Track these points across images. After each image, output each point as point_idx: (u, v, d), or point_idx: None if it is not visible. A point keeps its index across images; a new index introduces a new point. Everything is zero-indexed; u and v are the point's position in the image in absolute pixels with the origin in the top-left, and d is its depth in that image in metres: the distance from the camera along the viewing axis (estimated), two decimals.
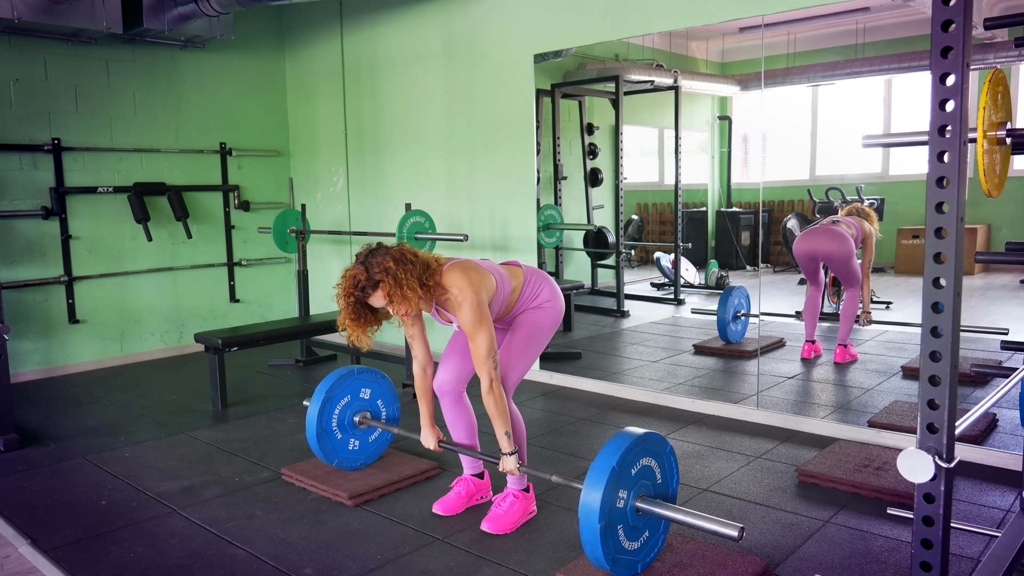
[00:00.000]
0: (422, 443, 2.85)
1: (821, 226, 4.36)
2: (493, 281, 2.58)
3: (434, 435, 2.83)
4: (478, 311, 2.47)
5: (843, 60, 4.24)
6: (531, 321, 2.69)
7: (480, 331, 2.47)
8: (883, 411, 3.65)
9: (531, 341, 2.69)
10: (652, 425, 3.83)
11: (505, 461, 2.57)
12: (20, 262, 5.04)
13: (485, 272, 2.57)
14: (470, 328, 2.48)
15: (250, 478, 3.26)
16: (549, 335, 2.74)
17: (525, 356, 2.68)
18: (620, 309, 5.59)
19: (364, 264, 2.42)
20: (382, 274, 2.38)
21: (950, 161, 1.45)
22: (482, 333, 2.47)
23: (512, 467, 2.57)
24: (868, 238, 4.31)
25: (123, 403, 4.50)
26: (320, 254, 6.20)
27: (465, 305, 2.47)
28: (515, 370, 2.66)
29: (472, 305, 2.46)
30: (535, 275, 2.75)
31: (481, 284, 2.51)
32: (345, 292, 2.43)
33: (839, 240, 4.29)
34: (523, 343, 2.67)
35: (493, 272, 2.62)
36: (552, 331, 2.75)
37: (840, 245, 4.29)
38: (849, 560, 2.43)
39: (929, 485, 1.51)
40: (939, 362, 1.49)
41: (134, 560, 2.55)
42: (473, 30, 4.90)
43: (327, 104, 6.01)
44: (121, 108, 5.46)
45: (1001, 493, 2.91)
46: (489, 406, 2.52)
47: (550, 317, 2.72)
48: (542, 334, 2.71)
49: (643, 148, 5.69)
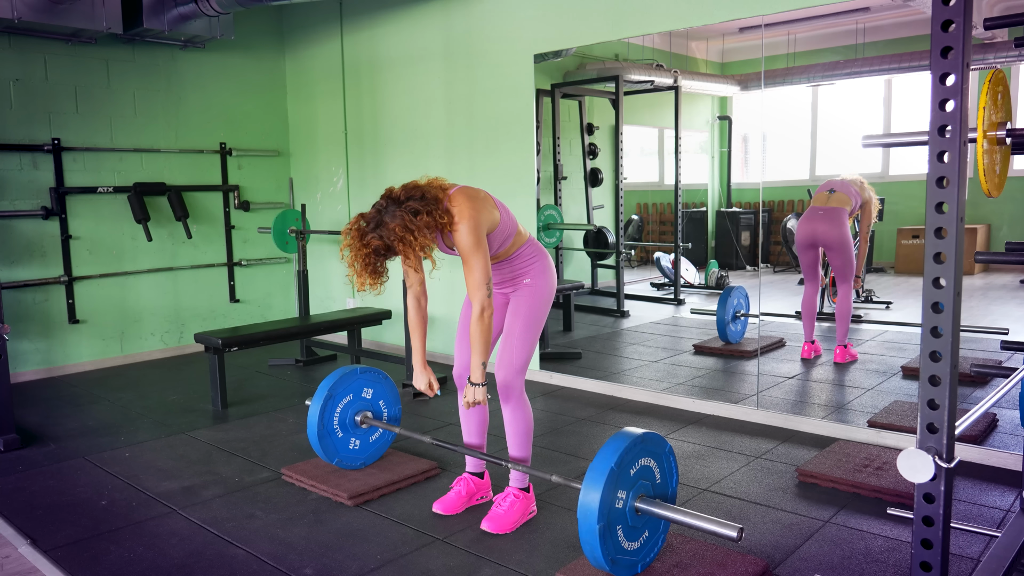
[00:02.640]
0: (414, 385, 2.77)
1: (821, 209, 4.37)
2: (497, 214, 2.57)
3: (426, 376, 2.73)
4: (475, 234, 2.45)
5: (843, 60, 4.24)
6: (528, 304, 2.67)
7: (475, 255, 2.45)
8: (883, 411, 3.65)
9: (531, 324, 2.67)
10: (652, 425, 3.83)
11: (474, 391, 2.54)
12: (20, 262, 5.04)
13: (490, 201, 2.57)
14: (466, 250, 2.46)
15: (250, 478, 3.26)
16: (546, 312, 2.72)
17: (528, 338, 2.66)
18: (620, 309, 5.59)
19: (379, 232, 2.40)
20: (399, 243, 2.38)
21: (950, 161, 1.45)
22: (477, 257, 2.45)
23: (480, 397, 2.54)
24: (867, 203, 4.34)
25: (123, 403, 4.50)
26: (320, 254, 6.20)
27: (462, 226, 2.44)
28: (522, 353, 2.65)
29: (469, 227, 2.44)
30: (535, 244, 2.76)
31: (482, 211, 2.50)
32: (363, 257, 2.42)
33: (839, 226, 4.32)
34: (524, 329, 2.66)
35: (500, 208, 2.61)
36: (548, 308, 2.72)
37: (840, 231, 4.33)
38: (849, 560, 2.43)
39: (929, 485, 1.51)
40: (939, 362, 1.49)
41: (134, 560, 2.55)
42: (473, 30, 4.90)
43: (327, 104, 6.01)
44: (121, 108, 5.46)
45: (1001, 493, 2.91)
46: (475, 333, 2.48)
47: (545, 292, 2.69)
48: (540, 315, 2.69)
49: (643, 148, 5.69)
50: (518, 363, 2.66)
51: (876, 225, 4.53)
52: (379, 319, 5.05)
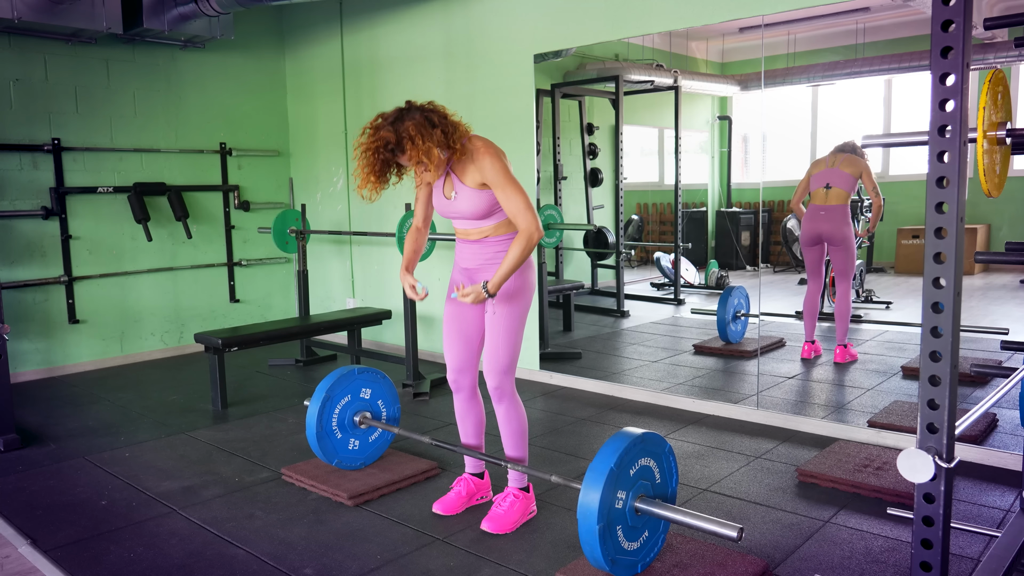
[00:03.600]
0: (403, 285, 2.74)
1: (823, 208, 4.38)
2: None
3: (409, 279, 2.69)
4: (503, 165, 2.50)
5: (843, 60, 4.24)
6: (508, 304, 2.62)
7: (510, 182, 2.48)
8: (883, 411, 3.65)
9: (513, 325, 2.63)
10: (652, 425, 3.83)
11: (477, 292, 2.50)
12: (20, 262, 5.04)
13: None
14: (499, 179, 2.47)
15: (250, 478, 3.26)
16: (527, 310, 2.68)
17: (511, 339, 2.63)
18: (620, 309, 5.59)
19: (394, 127, 2.43)
20: (408, 142, 2.41)
21: (950, 161, 1.45)
22: (513, 183, 2.48)
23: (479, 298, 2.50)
24: (865, 171, 4.34)
25: (123, 403, 4.50)
26: (320, 254, 6.20)
27: (488, 159, 2.48)
28: (507, 354, 2.63)
29: (496, 160, 2.48)
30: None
31: (504, 156, 2.55)
32: (373, 149, 2.46)
33: (842, 225, 4.35)
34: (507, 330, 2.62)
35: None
36: (529, 305, 2.69)
37: (843, 230, 4.36)
38: (849, 560, 2.43)
39: (929, 485, 1.51)
40: (939, 362, 1.49)
41: (134, 560, 2.55)
42: (473, 30, 4.90)
43: (327, 104, 6.01)
44: (121, 108, 5.46)
45: (1001, 493, 2.91)
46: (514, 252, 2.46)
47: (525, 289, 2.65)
48: (522, 313, 2.66)
49: (643, 148, 5.69)
50: (504, 364, 2.64)
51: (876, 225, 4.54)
52: (379, 319, 5.05)
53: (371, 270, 5.86)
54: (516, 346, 2.66)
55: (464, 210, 2.58)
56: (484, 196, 2.54)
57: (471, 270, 2.68)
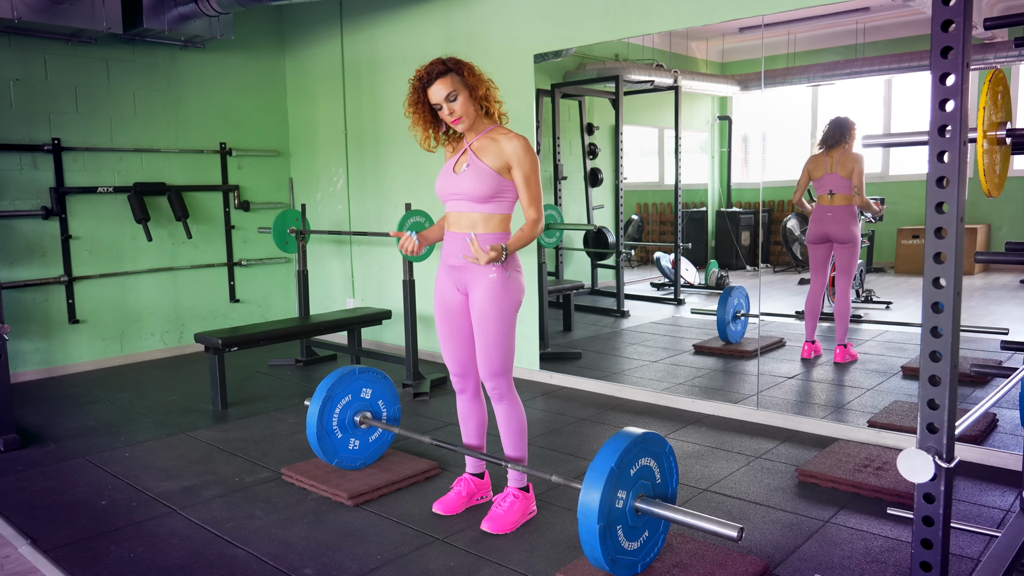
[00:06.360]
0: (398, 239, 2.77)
1: (829, 210, 4.39)
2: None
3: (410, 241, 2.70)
4: (536, 162, 2.61)
5: (843, 60, 4.24)
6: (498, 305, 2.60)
7: (535, 175, 2.60)
8: (883, 411, 3.65)
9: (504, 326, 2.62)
10: (652, 425, 3.83)
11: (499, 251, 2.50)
12: (20, 262, 5.04)
13: None
14: (528, 167, 2.58)
15: (250, 478, 3.26)
16: (517, 309, 2.67)
17: (503, 340, 2.62)
18: (620, 309, 5.59)
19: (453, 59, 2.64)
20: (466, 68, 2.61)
21: (950, 161, 1.45)
22: (536, 177, 2.60)
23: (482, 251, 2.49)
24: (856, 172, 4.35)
25: (123, 403, 4.50)
26: (320, 254, 6.20)
27: (521, 143, 2.58)
28: (501, 354, 2.62)
29: (533, 152, 2.61)
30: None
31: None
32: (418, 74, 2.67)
33: (850, 226, 4.36)
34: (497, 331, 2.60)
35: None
36: (519, 305, 2.67)
37: (851, 230, 4.36)
38: (849, 560, 2.43)
39: (929, 485, 1.51)
40: (939, 362, 1.49)
41: (134, 560, 2.55)
42: (473, 30, 4.90)
43: (327, 104, 6.01)
44: (121, 108, 5.46)
45: (1001, 493, 2.91)
46: (526, 233, 2.58)
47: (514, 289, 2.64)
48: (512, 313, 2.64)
49: (643, 148, 5.69)
50: (498, 366, 2.64)
51: (876, 225, 4.54)
52: (379, 319, 5.06)
53: (371, 270, 5.86)
54: (508, 347, 2.65)
55: (467, 187, 2.58)
56: (494, 179, 2.56)
57: (458, 267, 2.66)
